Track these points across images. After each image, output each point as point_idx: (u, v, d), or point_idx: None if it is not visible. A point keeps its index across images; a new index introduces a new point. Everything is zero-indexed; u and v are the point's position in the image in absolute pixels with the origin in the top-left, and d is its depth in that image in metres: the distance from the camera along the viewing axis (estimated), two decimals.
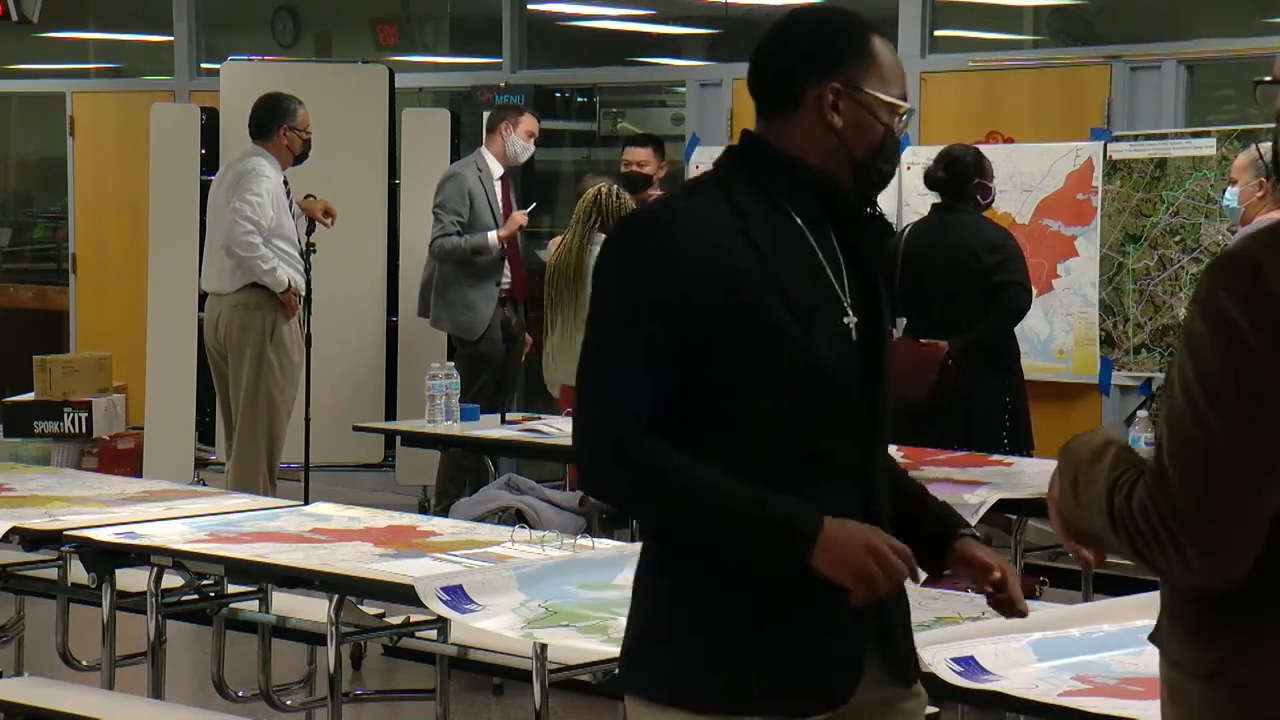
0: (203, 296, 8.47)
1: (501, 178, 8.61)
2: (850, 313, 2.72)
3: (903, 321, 7.14)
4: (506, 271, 8.57)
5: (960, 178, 7.08)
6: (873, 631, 2.70)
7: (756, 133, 2.77)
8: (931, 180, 7.15)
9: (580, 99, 10.19)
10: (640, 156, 8.64)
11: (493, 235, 8.41)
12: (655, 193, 8.60)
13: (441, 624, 4.51)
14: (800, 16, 2.78)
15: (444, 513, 6.71)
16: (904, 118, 2.74)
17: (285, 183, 8.12)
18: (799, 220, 2.71)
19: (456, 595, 3.90)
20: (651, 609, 2.72)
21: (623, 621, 2.79)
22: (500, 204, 8.54)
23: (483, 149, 8.67)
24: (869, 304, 2.76)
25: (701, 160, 8.67)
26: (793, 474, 2.65)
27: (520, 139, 8.60)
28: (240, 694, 5.26)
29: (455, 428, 6.93)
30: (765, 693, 2.64)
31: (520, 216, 8.54)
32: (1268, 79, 2.36)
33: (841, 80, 2.70)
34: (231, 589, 5.00)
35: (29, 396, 9.09)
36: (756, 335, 2.62)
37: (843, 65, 2.71)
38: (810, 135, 2.72)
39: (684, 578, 2.68)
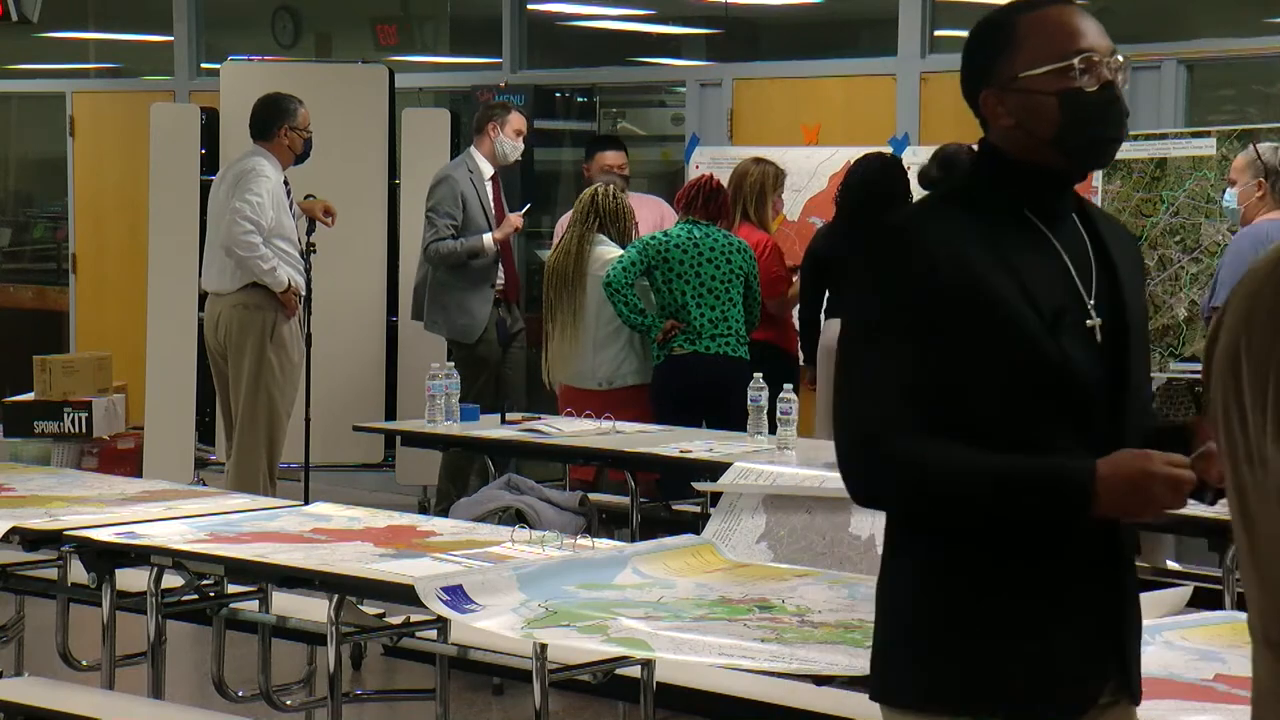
0: (203, 296, 8.47)
1: (492, 178, 8.55)
2: (1094, 315, 2.71)
3: None
4: (500, 272, 8.54)
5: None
6: (1113, 642, 2.69)
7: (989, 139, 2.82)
8: (926, 180, 7.12)
9: (580, 99, 10.18)
10: (620, 160, 8.56)
11: (488, 238, 8.36)
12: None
13: (441, 624, 4.50)
14: (970, 33, 2.82)
15: (444, 513, 6.70)
16: (1082, 68, 2.70)
17: (285, 182, 8.11)
18: (1036, 220, 2.73)
19: (456, 595, 3.90)
20: (897, 617, 2.72)
21: (623, 621, 2.79)
22: (492, 205, 8.50)
23: (472, 149, 8.57)
24: (1114, 305, 2.74)
25: (701, 160, 8.65)
26: None
27: (509, 138, 8.52)
28: (240, 694, 5.25)
29: (455, 428, 6.93)
30: (1013, 694, 2.64)
31: (516, 219, 8.49)
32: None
33: (994, 83, 2.73)
34: (231, 589, 4.99)
35: (29, 396, 9.09)
36: (1009, 342, 2.62)
37: (990, 68, 2.73)
38: (1004, 136, 2.74)
39: (931, 584, 2.68)
